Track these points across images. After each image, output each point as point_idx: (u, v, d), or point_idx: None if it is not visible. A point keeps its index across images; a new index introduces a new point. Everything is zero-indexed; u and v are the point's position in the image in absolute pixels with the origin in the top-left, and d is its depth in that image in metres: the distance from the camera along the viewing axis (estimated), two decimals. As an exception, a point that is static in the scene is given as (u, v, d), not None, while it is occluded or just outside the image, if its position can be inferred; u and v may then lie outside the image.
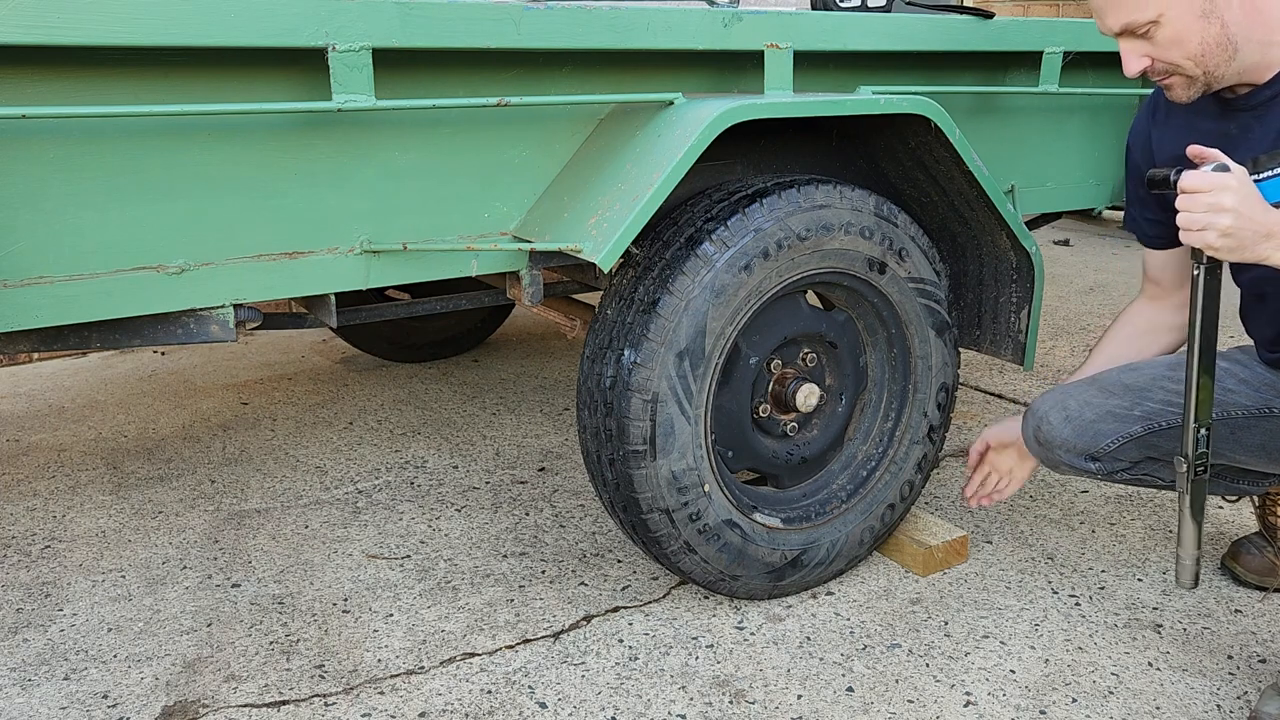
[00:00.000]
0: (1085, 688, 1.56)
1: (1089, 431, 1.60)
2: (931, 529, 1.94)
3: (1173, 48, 1.38)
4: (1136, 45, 1.40)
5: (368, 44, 1.33)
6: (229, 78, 1.33)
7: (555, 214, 1.55)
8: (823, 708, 1.52)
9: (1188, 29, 1.36)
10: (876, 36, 1.77)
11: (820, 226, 1.63)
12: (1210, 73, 1.40)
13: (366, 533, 2.08)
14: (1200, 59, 1.38)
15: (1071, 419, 1.61)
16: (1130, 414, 1.60)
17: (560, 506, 2.19)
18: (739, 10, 1.62)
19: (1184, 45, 1.37)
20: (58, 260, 1.27)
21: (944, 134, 1.70)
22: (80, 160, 1.26)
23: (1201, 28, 1.35)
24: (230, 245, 1.38)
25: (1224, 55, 1.37)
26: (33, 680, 1.61)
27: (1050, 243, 4.93)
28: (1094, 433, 1.60)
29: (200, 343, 1.71)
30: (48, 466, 2.44)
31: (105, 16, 1.17)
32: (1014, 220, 1.83)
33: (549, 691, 1.56)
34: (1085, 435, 1.61)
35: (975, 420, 2.66)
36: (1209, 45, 1.36)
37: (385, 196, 1.47)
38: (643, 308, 1.55)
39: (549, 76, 1.56)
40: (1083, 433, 1.61)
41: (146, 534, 2.09)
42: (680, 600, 1.81)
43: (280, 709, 1.53)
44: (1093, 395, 1.63)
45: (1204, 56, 1.38)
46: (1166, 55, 1.39)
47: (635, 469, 1.57)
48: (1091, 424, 1.61)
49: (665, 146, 1.48)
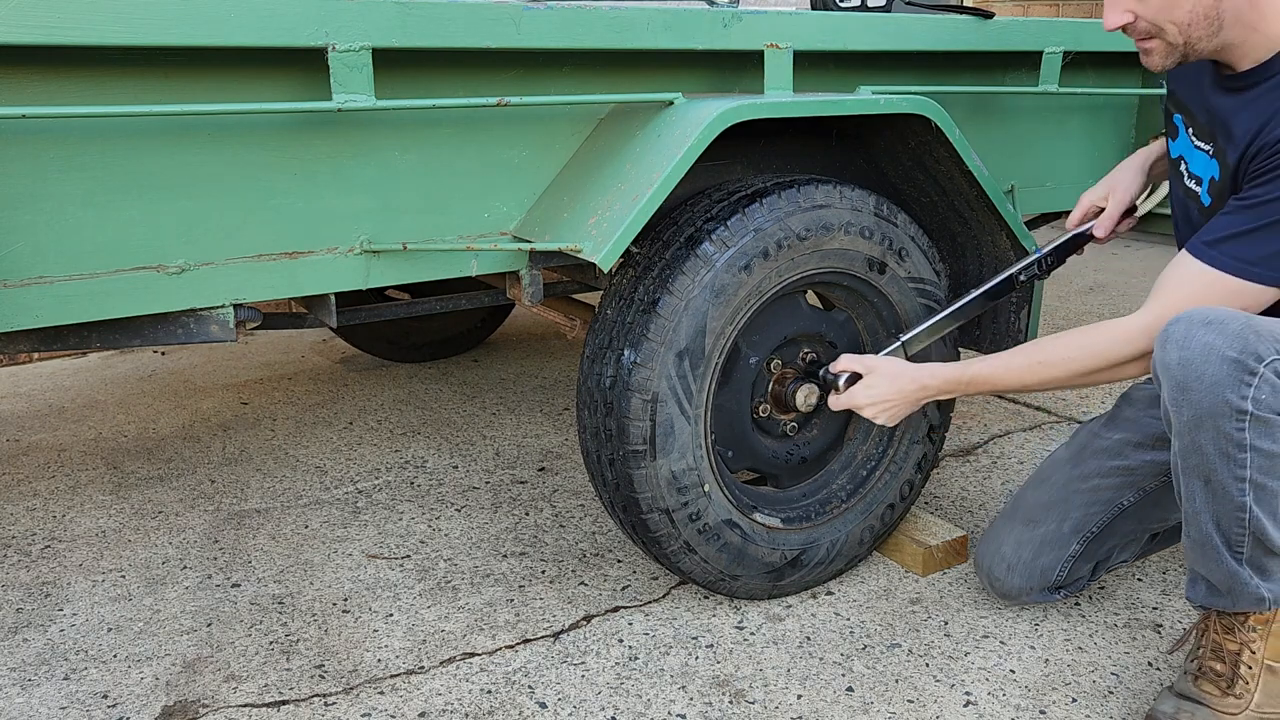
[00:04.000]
0: (1085, 688, 1.56)
1: (1035, 570, 1.68)
2: (931, 529, 1.94)
3: (1162, 9, 1.37)
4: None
5: (367, 44, 1.33)
6: (229, 78, 1.33)
7: (555, 214, 1.55)
8: (823, 708, 1.52)
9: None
10: (876, 36, 1.77)
11: (820, 226, 1.63)
12: (1191, 44, 1.39)
13: (366, 533, 2.08)
14: (1186, 27, 1.38)
15: (1014, 567, 1.69)
16: (1061, 533, 1.67)
17: (560, 506, 2.19)
18: (739, 10, 1.62)
19: (1175, 10, 1.37)
20: (58, 260, 1.27)
21: (944, 134, 1.70)
22: (80, 160, 1.26)
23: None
24: (230, 245, 1.38)
25: (1209, 29, 1.37)
26: (33, 680, 1.61)
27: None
28: (1040, 569, 1.68)
29: (200, 343, 1.71)
30: (48, 466, 2.44)
31: (105, 16, 1.17)
32: (1014, 220, 1.83)
33: (549, 691, 1.56)
34: (1034, 575, 1.68)
35: (975, 420, 2.66)
36: (1198, 15, 1.36)
37: (385, 196, 1.47)
38: (643, 307, 1.55)
39: (549, 76, 1.56)
40: (1030, 574, 1.68)
41: (146, 534, 2.09)
42: (680, 600, 1.81)
43: (280, 709, 1.53)
44: (1021, 532, 1.70)
45: (1190, 26, 1.37)
46: (1154, 15, 1.39)
47: (635, 469, 1.57)
48: (1033, 562, 1.68)
49: (665, 146, 1.48)
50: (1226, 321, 1.28)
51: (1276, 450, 1.29)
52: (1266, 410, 1.27)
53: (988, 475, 2.33)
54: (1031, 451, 2.45)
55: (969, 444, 2.51)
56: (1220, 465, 1.31)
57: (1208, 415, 1.29)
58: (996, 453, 2.46)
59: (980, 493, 2.24)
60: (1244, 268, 1.37)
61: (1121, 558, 1.74)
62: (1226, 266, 1.38)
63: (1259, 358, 1.26)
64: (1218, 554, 1.37)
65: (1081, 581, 1.72)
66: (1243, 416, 1.27)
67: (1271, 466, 1.30)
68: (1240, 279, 1.37)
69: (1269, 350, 1.26)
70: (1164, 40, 1.41)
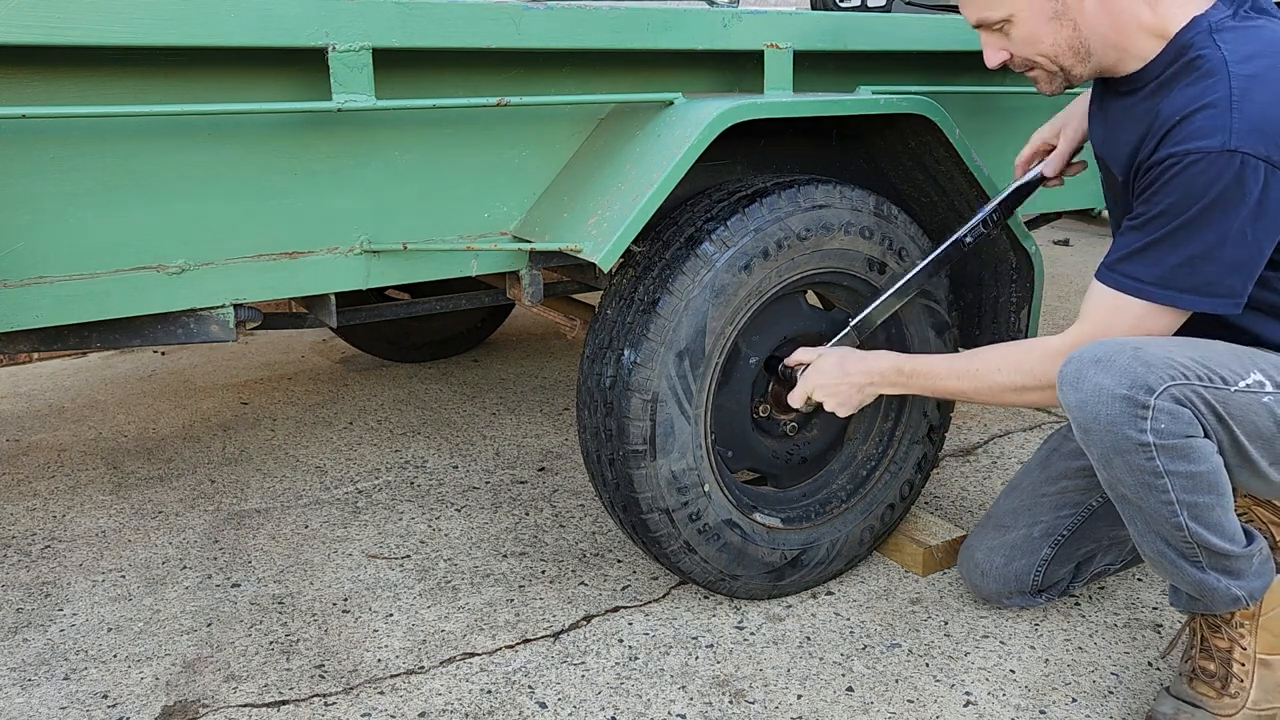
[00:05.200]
0: (1085, 688, 1.56)
1: (1009, 576, 1.69)
2: (931, 529, 1.94)
3: (1026, 45, 1.42)
4: (995, 39, 1.45)
5: (368, 44, 1.33)
6: (229, 78, 1.33)
7: (555, 214, 1.55)
8: (823, 707, 1.52)
9: (1039, 30, 1.39)
10: (876, 36, 1.77)
11: (820, 226, 1.63)
12: (1067, 70, 1.43)
13: (366, 533, 2.08)
14: (1054, 58, 1.42)
15: (988, 573, 1.70)
16: (1031, 538, 1.68)
17: (560, 506, 2.19)
18: (739, 10, 1.62)
19: (1037, 44, 1.41)
20: (58, 260, 1.27)
21: (944, 134, 1.70)
22: (81, 160, 1.26)
23: (1053, 30, 1.39)
24: (230, 245, 1.38)
25: (1077, 56, 1.41)
26: (33, 680, 1.61)
27: (1050, 243, 4.94)
28: (1014, 574, 1.69)
29: (200, 343, 1.71)
30: (48, 466, 2.44)
31: (105, 16, 1.17)
32: (1014, 220, 1.83)
33: (549, 691, 1.56)
34: (1009, 581, 1.69)
35: (975, 420, 2.66)
36: (1061, 47, 1.40)
37: (385, 196, 1.47)
38: (643, 307, 1.55)
39: (549, 76, 1.56)
40: (1005, 580, 1.69)
41: (146, 534, 2.09)
42: (680, 600, 1.81)
43: (280, 709, 1.53)
44: (992, 539, 1.71)
45: (1058, 56, 1.41)
46: (1022, 51, 1.43)
47: (635, 469, 1.57)
48: (1005, 568, 1.69)
49: (665, 146, 1.48)
50: (1114, 357, 1.26)
51: (1194, 469, 1.27)
52: (1170, 437, 1.24)
53: (988, 475, 2.33)
54: (1031, 452, 2.45)
55: (969, 444, 2.51)
56: (1145, 494, 1.29)
57: (1114, 452, 1.27)
58: (996, 453, 2.46)
59: (980, 493, 2.24)
60: (1141, 287, 1.34)
61: (1106, 561, 1.73)
62: (1126, 288, 1.36)
63: (1149, 389, 1.23)
64: (1178, 567, 1.36)
65: (1063, 584, 1.72)
66: (1147, 448, 1.25)
67: (1194, 484, 1.27)
68: (1142, 300, 1.34)
69: (1159, 380, 1.24)
70: (1042, 69, 1.45)
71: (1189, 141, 1.27)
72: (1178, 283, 1.32)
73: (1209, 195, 1.26)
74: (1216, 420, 1.27)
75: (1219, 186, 1.25)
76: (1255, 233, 1.27)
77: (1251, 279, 1.32)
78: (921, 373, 1.59)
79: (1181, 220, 1.29)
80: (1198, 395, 1.25)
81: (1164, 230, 1.31)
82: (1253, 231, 1.27)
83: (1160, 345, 1.29)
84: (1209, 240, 1.28)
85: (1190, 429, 1.25)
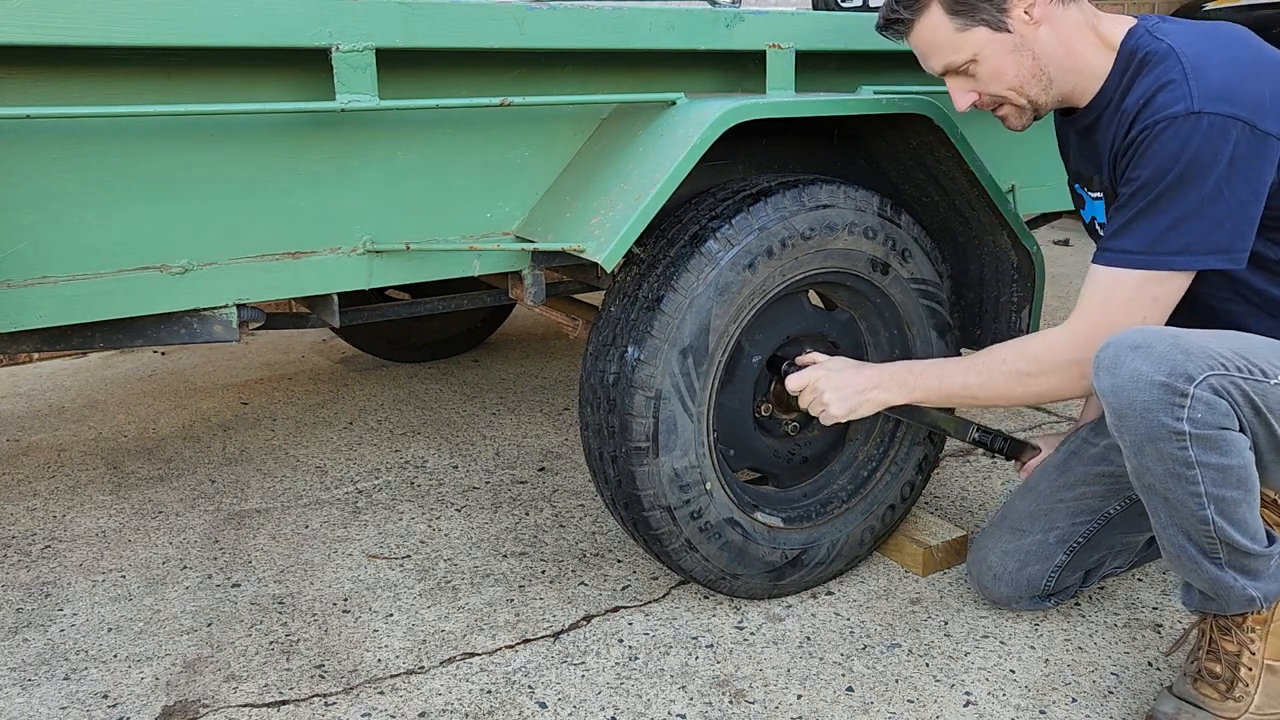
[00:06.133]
0: (1085, 688, 1.56)
1: (1022, 580, 1.69)
2: (931, 529, 1.94)
3: (993, 81, 1.48)
4: (961, 82, 1.51)
5: (371, 44, 1.33)
6: (232, 77, 1.33)
7: (558, 214, 1.55)
8: (823, 708, 1.52)
9: (1002, 63, 1.46)
10: (878, 36, 1.77)
11: (824, 226, 1.63)
12: (1033, 100, 1.50)
13: (366, 533, 2.08)
14: (1020, 89, 1.48)
15: (1000, 577, 1.70)
16: (1047, 543, 1.67)
17: (560, 506, 2.19)
18: (741, 10, 1.62)
19: (1002, 78, 1.47)
20: (61, 260, 1.27)
21: (945, 134, 1.70)
22: (83, 160, 1.26)
23: (1015, 61, 1.46)
24: (233, 245, 1.38)
25: (1040, 85, 1.48)
26: (33, 680, 1.60)
27: (1050, 243, 4.94)
28: (1027, 579, 1.69)
29: (203, 343, 1.71)
30: (48, 466, 2.44)
31: (107, 16, 1.17)
32: (1015, 220, 1.83)
33: (549, 691, 1.56)
34: (1021, 584, 1.69)
35: (975, 421, 2.66)
36: (1024, 77, 1.47)
37: (388, 196, 1.47)
38: (647, 304, 1.55)
39: (552, 76, 1.56)
40: (1018, 584, 1.69)
41: (146, 534, 2.08)
42: (680, 600, 1.81)
43: (280, 709, 1.53)
44: (1008, 542, 1.71)
45: (1023, 87, 1.48)
46: (989, 88, 1.50)
47: (637, 466, 1.57)
48: (1019, 572, 1.69)
49: (668, 146, 1.48)
50: (1153, 344, 1.27)
51: (1226, 462, 1.27)
52: (1205, 428, 1.25)
53: (988, 475, 2.33)
54: (1031, 452, 2.46)
55: (969, 445, 2.51)
56: (1173, 484, 1.29)
57: (1147, 440, 1.27)
58: (996, 453, 2.46)
59: (980, 493, 2.24)
60: (1132, 258, 1.38)
61: (1115, 564, 1.74)
62: (1119, 262, 1.40)
63: (1189, 378, 1.24)
64: (1196, 563, 1.36)
65: (1072, 589, 1.72)
66: (1182, 437, 1.25)
67: (1224, 478, 1.28)
68: (1135, 270, 1.38)
69: (1199, 369, 1.24)
70: (1011, 104, 1.51)
71: (1156, 114, 1.34)
72: (1167, 246, 1.36)
73: (1183, 158, 1.31)
74: (1254, 413, 1.27)
75: (1191, 148, 1.31)
76: (1233, 186, 1.32)
77: (1245, 234, 1.35)
78: (930, 371, 1.61)
79: (1161, 187, 1.34)
80: (1236, 387, 1.26)
81: (1146, 200, 1.36)
82: (1229, 187, 1.32)
83: (1199, 335, 1.30)
84: (1191, 201, 1.33)
85: (1226, 420, 1.26)
